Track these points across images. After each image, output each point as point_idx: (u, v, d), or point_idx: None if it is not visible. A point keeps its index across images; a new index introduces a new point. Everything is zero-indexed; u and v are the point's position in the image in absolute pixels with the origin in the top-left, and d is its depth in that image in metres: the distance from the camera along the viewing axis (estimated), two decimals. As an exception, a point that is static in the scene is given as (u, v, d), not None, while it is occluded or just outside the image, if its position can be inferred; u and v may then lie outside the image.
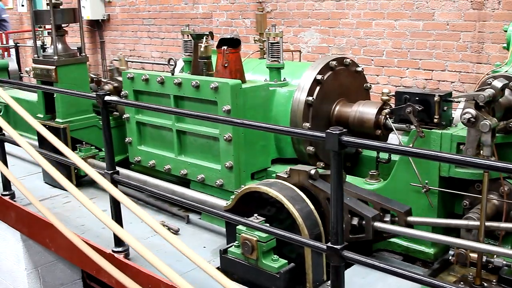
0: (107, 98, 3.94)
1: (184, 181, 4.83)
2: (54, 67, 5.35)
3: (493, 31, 6.57)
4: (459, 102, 3.89)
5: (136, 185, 4.16)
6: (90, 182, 5.52)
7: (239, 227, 3.54)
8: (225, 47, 4.58)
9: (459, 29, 6.86)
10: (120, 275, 3.13)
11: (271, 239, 3.43)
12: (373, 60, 7.77)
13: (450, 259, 3.59)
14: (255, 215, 3.53)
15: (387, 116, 4.30)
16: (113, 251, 4.08)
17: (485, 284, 3.46)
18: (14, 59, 9.43)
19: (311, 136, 3.16)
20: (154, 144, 5.06)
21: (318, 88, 4.48)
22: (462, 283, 3.52)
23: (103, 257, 3.94)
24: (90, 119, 5.60)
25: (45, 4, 5.46)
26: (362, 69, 4.88)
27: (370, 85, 4.97)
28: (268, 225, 3.39)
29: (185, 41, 5.62)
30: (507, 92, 3.63)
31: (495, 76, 3.70)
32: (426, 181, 3.72)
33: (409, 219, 3.50)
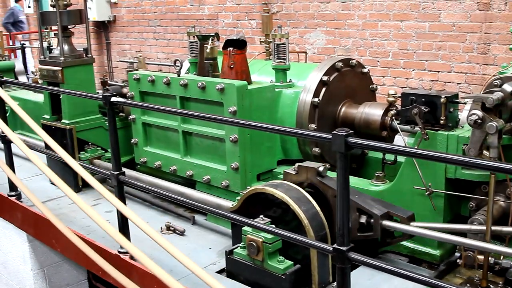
0: (113, 99, 3.95)
1: (190, 182, 4.83)
2: (60, 68, 5.36)
3: (499, 32, 6.54)
4: (466, 103, 3.88)
5: (142, 186, 4.16)
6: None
7: (245, 228, 3.54)
8: (231, 48, 4.58)
9: (465, 30, 6.83)
10: (122, 278, 3.13)
11: (277, 240, 3.43)
12: (379, 61, 7.76)
13: (458, 262, 3.59)
14: (261, 216, 3.53)
15: (393, 117, 4.29)
16: (119, 252, 4.09)
17: (492, 286, 3.45)
18: (20, 60, 9.50)
19: (317, 137, 3.17)
20: (160, 145, 5.07)
21: (324, 89, 4.48)
22: (468, 285, 3.52)
23: (109, 258, 3.97)
24: (96, 120, 5.61)
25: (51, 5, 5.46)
26: (368, 70, 4.88)
27: (376, 86, 4.97)
28: (274, 226, 3.39)
29: (191, 42, 5.63)
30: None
31: (501, 77, 3.69)
32: (429, 184, 3.71)
33: (412, 224, 3.49)
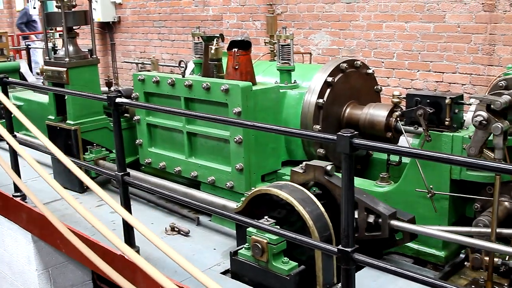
0: (118, 100, 3.96)
1: (194, 183, 4.83)
2: (65, 69, 5.37)
3: (504, 33, 6.53)
4: (471, 104, 3.88)
5: (146, 187, 4.17)
6: (100, 183, 5.54)
7: (250, 229, 3.54)
8: (236, 49, 4.59)
9: (470, 31, 6.82)
10: (123, 281, 3.13)
11: (282, 241, 3.43)
12: (383, 62, 7.75)
13: (466, 264, 3.58)
14: (266, 217, 3.52)
15: (398, 118, 4.29)
16: (124, 253, 4.08)
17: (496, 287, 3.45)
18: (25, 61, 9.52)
19: (322, 138, 3.16)
20: (164, 146, 5.07)
21: (328, 90, 4.48)
22: (473, 286, 3.51)
23: (114, 258, 3.97)
24: (101, 120, 5.62)
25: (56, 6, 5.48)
26: (372, 71, 4.88)
27: (380, 87, 4.96)
28: (278, 227, 3.39)
29: (195, 43, 5.63)
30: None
31: (506, 78, 3.68)
32: (431, 186, 3.70)
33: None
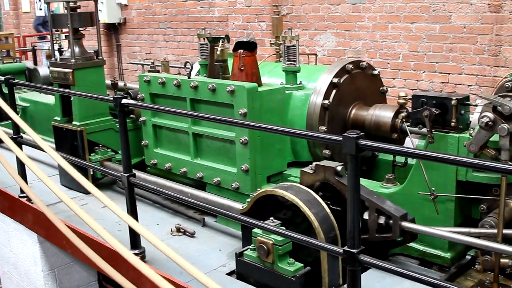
0: (124, 101, 3.97)
1: (200, 184, 4.84)
2: (71, 70, 5.39)
3: (510, 34, 6.50)
4: (477, 105, 3.87)
5: (152, 187, 4.17)
6: (106, 184, 5.56)
7: (255, 230, 3.54)
8: (241, 50, 4.59)
9: (476, 32, 6.80)
10: (127, 283, 3.12)
11: (287, 242, 3.43)
12: (389, 63, 7.74)
13: (477, 268, 3.57)
14: (271, 218, 3.52)
15: (404, 119, 4.28)
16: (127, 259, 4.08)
17: (503, 289, 3.44)
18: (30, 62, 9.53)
19: (328, 139, 3.16)
20: (170, 147, 5.08)
21: (334, 91, 4.48)
22: (479, 288, 3.50)
23: (119, 259, 3.96)
24: (106, 122, 5.63)
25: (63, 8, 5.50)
26: (378, 72, 4.87)
27: (386, 89, 4.95)
28: (284, 228, 3.39)
29: (201, 44, 5.63)
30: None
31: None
32: (433, 188, 3.68)
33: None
